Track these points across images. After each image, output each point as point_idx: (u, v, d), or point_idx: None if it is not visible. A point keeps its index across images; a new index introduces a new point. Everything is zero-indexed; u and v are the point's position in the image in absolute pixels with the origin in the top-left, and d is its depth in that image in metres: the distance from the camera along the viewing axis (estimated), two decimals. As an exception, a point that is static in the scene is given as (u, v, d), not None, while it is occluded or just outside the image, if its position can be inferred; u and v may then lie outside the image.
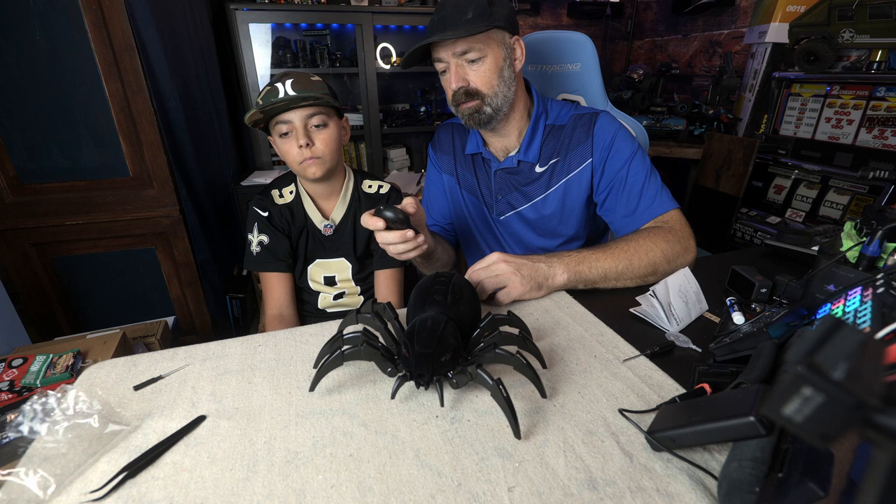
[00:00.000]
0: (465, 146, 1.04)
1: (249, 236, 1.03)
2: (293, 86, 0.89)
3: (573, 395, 0.55)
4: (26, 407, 0.48)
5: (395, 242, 0.71)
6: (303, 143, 0.91)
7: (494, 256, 0.77)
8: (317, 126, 0.94)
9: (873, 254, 0.62)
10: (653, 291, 0.71)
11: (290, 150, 0.93)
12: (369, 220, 0.70)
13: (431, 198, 1.13)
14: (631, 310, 0.73)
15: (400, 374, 0.53)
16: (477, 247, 1.12)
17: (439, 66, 0.88)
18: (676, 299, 0.71)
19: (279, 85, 0.89)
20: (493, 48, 0.84)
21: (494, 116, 0.89)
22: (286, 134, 0.93)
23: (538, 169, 0.97)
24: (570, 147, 0.94)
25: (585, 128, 0.94)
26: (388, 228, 0.70)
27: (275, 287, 1.04)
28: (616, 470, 0.45)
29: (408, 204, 0.72)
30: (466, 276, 0.77)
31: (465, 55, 0.84)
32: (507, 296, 0.75)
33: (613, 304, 0.76)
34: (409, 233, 0.70)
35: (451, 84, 0.86)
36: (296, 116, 0.91)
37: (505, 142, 0.98)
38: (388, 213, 0.68)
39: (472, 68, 0.85)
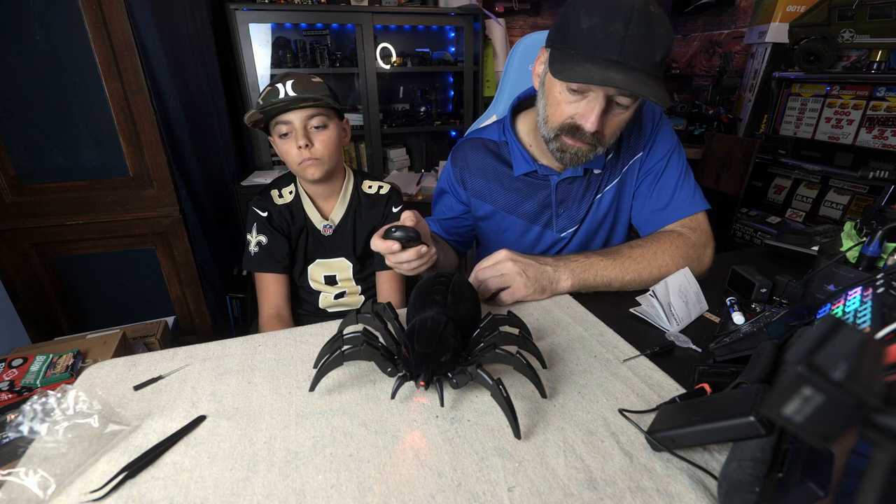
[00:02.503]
0: (505, 165, 0.93)
1: (248, 237, 1.03)
2: (293, 87, 0.89)
3: (573, 395, 0.55)
4: (26, 407, 0.48)
5: (409, 260, 0.68)
6: (302, 144, 0.91)
7: (502, 254, 0.75)
8: (316, 127, 0.93)
9: (873, 254, 0.62)
10: (653, 291, 0.71)
11: (289, 150, 0.93)
12: (382, 245, 0.65)
13: (444, 212, 1.03)
14: (631, 310, 0.73)
15: (400, 374, 0.53)
16: None
17: (575, 85, 0.69)
18: (676, 299, 0.71)
19: (280, 85, 0.89)
20: (636, 103, 0.73)
21: (589, 160, 0.79)
22: (286, 135, 0.93)
23: (596, 171, 0.90)
24: (620, 139, 0.87)
25: (634, 115, 0.85)
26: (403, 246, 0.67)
27: (271, 288, 1.04)
28: (616, 470, 0.45)
29: (406, 219, 0.68)
30: (472, 273, 0.77)
31: (619, 97, 0.70)
32: (511, 296, 0.75)
33: (613, 305, 0.76)
34: (423, 248, 0.67)
35: (587, 122, 0.70)
36: (295, 117, 0.91)
37: None
38: (400, 234, 0.65)
39: (613, 113, 0.72)
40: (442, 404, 0.53)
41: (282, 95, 0.89)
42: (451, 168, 0.99)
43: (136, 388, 0.58)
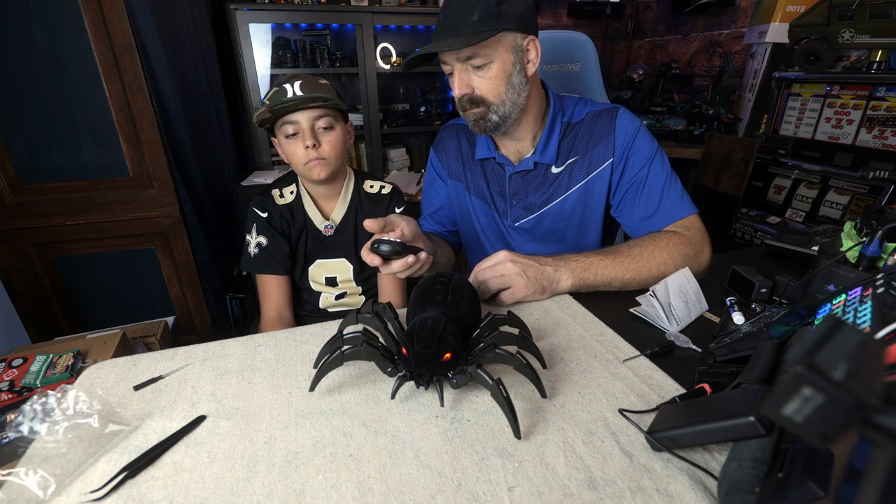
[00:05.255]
0: (473, 149, 1.00)
1: (248, 237, 1.02)
2: (302, 87, 0.90)
3: (573, 395, 0.55)
4: (26, 407, 0.48)
5: (399, 271, 0.69)
6: (309, 144, 0.91)
7: (502, 255, 0.76)
8: (324, 128, 0.94)
9: (873, 254, 0.62)
10: (653, 291, 0.71)
11: (295, 150, 0.93)
12: (367, 257, 0.67)
13: (434, 203, 1.10)
14: (631, 310, 0.73)
15: (400, 374, 0.53)
16: (484, 253, 1.06)
17: (445, 69, 0.84)
18: (676, 299, 0.71)
19: (287, 86, 0.90)
20: (500, 53, 0.79)
21: (501, 124, 0.84)
22: (294, 135, 0.93)
23: (554, 170, 0.93)
24: (589, 144, 0.91)
25: (606, 123, 0.90)
26: (387, 260, 0.68)
27: (272, 290, 1.04)
28: (616, 470, 0.45)
29: (394, 223, 0.71)
30: (472, 274, 0.77)
31: (470, 60, 0.79)
32: (511, 297, 0.75)
33: (613, 305, 0.76)
34: (411, 258, 0.68)
35: (454, 89, 0.83)
36: (303, 117, 0.91)
37: (518, 145, 0.94)
38: (386, 249, 0.66)
39: (477, 74, 0.80)
40: (442, 404, 0.53)
41: (290, 95, 0.89)
42: (434, 155, 1.08)
43: (136, 388, 0.58)
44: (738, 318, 0.66)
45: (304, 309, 1.13)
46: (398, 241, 0.67)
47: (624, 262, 0.79)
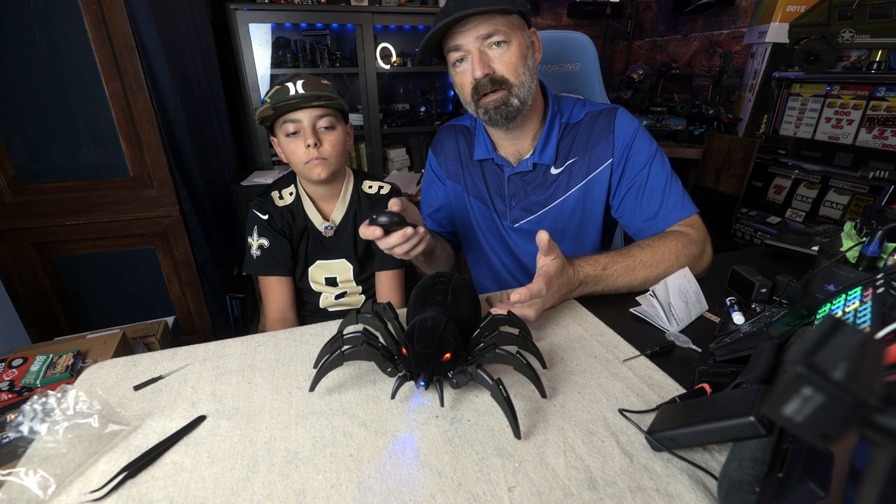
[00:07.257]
0: (471, 151, 0.99)
1: (249, 239, 1.02)
2: (304, 86, 0.90)
3: (573, 395, 0.55)
4: (26, 407, 0.48)
5: (398, 244, 0.69)
6: (311, 143, 0.91)
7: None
8: (325, 128, 0.94)
9: (873, 254, 0.62)
10: (653, 291, 0.71)
11: (296, 149, 0.93)
12: (366, 231, 0.68)
13: (432, 204, 1.09)
14: (631, 310, 0.73)
15: (400, 374, 0.53)
16: (483, 255, 1.08)
17: (454, 56, 0.80)
18: (676, 299, 0.71)
19: (290, 84, 0.90)
20: (517, 33, 0.79)
21: (521, 109, 0.82)
22: (294, 133, 0.93)
23: (553, 171, 0.92)
24: (588, 145, 0.90)
25: (605, 124, 0.89)
26: (386, 233, 0.68)
27: (275, 291, 1.04)
28: (616, 470, 0.45)
29: (392, 205, 0.70)
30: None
31: (490, 38, 0.77)
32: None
33: (613, 305, 0.76)
34: (409, 230, 0.68)
35: (474, 71, 0.78)
36: (305, 116, 0.91)
37: (518, 145, 0.93)
38: (383, 219, 0.66)
39: (496, 53, 0.78)
40: (442, 404, 0.53)
41: (292, 93, 0.89)
42: (433, 156, 1.07)
43: (136, 388, 0.58)
44: (738, 318, 0.66)
45: (304, 309, 1.13)
46: (396, 213, 0.67)
47: (636, 271, 0.79)
